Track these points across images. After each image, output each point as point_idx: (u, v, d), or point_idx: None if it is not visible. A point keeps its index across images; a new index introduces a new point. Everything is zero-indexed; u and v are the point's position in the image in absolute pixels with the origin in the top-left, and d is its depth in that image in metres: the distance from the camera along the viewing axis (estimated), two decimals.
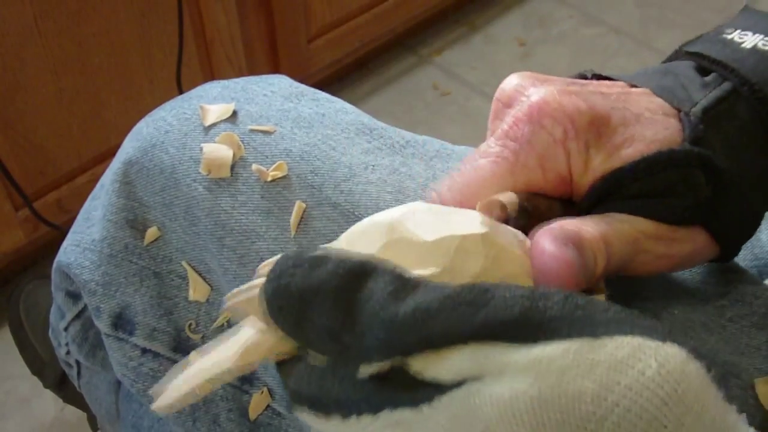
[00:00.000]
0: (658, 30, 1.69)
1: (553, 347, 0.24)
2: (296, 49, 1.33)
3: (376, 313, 0.26)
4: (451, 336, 0.25)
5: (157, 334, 0.55)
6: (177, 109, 0.54)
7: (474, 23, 1.69)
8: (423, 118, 1.52)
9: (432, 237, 0.28)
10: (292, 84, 0.55)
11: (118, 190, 0.55)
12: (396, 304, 0.25)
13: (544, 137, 0.33)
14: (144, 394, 0.56)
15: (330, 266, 0.26)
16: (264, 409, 0.54)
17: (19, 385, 1.15)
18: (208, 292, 0.54)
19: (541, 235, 0.30)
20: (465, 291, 0.26)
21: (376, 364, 0.26)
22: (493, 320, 0.25)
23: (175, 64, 1.14)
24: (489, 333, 0.25)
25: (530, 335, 0.25)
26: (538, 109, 0.33)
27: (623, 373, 0.24)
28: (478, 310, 0.25)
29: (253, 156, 0.50)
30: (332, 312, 0.26)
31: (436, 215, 0.30)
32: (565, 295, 0.25)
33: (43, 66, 1.02)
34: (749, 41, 0.36)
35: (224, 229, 0.50)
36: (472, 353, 0.25)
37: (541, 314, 0.25)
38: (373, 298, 0.26)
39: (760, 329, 0.39)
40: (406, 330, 0.25)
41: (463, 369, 0.25)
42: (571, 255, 0.29)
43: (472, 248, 0.28)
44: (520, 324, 0.25)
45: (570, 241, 0.30)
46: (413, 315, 0.25)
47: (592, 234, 0.31)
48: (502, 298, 0.25)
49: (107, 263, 0.55)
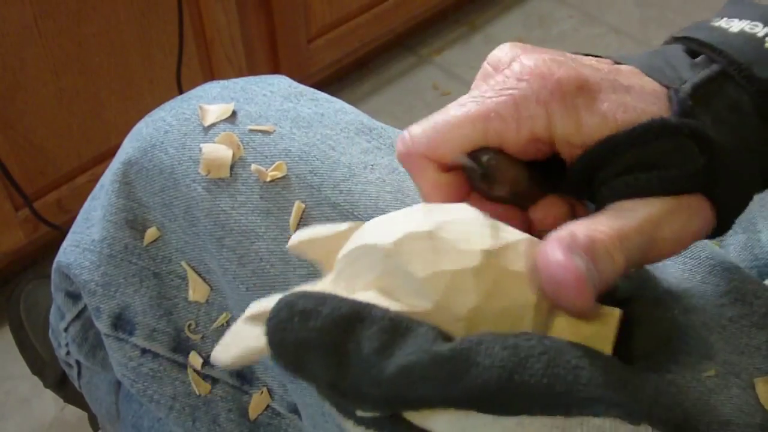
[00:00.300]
0: (658, 30, 1.69)
1: (525, 425, 0.25)
2: (296, 49, 1.33)
3: (365, 370, 0.26)
4: (433, 401, 0.26)
5: (156, 335, 0.55)
6: (176, 110, 0.54)
7: (474, 23, 1.69)
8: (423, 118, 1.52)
9: (423, 273, 0.28)
10: (291, 84, 0.55)
11: (118, 191, 0.55)
12: (383, 361, 0.26)
13: (527, 94, 0.33)
14: (144, 394, 0.56)
15: (320, 320, 0.27)
16: (264, 409, 0.54)
17: (19, 385, 1.15)
18: (207, 292, 0.54)
19: (549, 244, 0.29)
20: (449, 353, 0.26)
21: (371, 413, 0.27)
22: (470, 392, 0.25)
23: (175, 64, 1.14)
24: (467, 403, 0.26)
25: (505, 409, 0.25)
26: (528, 70, 0.33)
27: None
28: (458, 380, 0.26)
29: (252, 156, 0.50)
30: (325, 365, 0.27)
31: (432, 241, 0.28)
32: (547, 364, 0.26)
33: (43, 66, 1.02)
34: (736, 26, 0.36)
35: (223, 229, 0.50)
36: (453, 420, 0.26)
37: (516, 389, 0.25)
38: (362, 353, 0.26)
39: (760, 329, 0.39)
40: (392, 390, 0.26)
41: (443, 431, 0.26)
42: (580, 265, 0.28)
43: (463, 285, 0.28)
44: (495, 399, 0.25)
45: (580, 248, 0.29)
46: (399, 374, 0.26)
47: (606, 233, 0.30)
48: (481, 368, 0.26)
49: (107, 264, 0.55)
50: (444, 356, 0.26)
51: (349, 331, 0.26)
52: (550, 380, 0.25)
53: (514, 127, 0.33)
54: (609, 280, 0.29)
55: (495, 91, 0.34)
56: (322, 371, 0.27)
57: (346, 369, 0.26)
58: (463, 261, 0.28)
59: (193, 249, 0.53)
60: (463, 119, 0.33)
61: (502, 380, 0.25)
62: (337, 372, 0.26)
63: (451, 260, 0.28)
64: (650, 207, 0.32)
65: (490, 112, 0.33)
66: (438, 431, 0.26)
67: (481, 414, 0.25)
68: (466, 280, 0.28)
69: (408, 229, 0.29)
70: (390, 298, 0.28)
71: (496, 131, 0.33)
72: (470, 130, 0.33)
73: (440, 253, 0.28)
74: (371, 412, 0.27)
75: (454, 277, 0.28)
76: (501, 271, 0.28)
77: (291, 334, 0.27)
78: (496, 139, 0.33)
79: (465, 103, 0.34)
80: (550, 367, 0.25)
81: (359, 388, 0.26)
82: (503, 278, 0.28)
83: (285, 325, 0.27)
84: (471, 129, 0.33)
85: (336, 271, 0.31)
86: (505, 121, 0.33)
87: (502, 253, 0.28)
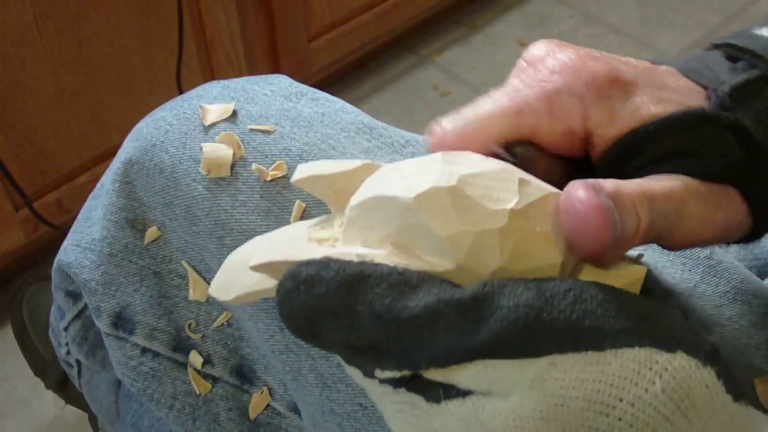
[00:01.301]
0: (658, 30, 1.69)
1: (557, 364, 0.24)
2: (296, 49, 1.33)
3: (380, 327, 0.26)
4: (454, 355, 0.25)
5: (157, 334, 0.55)
6: (177, 109, 0.54)
7: (474, 23, 1.69)
8: (423, 118, 1.52)
9: (445, 232, 0.26)
10: (292, 84, 0.55)
11: (118, 190, 0.55)
12: (397, 313, 0.25)
13: (562, 87, 0.33)
14: (144, 393, 0.56)
15: (325, 285, 0.26)
16: (264, 408, 0.54)
17: (19, 385, 1.15)
18: (207, 291, 0.54)
19: (572, 184, 0.27)
20: (470, 297, 0.25)
21: (389, 372, 0.27)
22: (495, 338, 0.25)
23: (175, 64, 1.14)
24: (492, 351, 0.25)
25: (534, 350, 0.25)
26: (562, 63, 0.33)
27: (626, 390, 0.24)
28: (479, 326, 0.25)
29: (252, 155, 0.50)
30: (337, 329, 0.26)
31: (455, 198, 0.27)
32: (575, 300, 0.25)
33: (43, 66, 1.02)
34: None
35: (224, 228, 0.50)
36: (477, 372, 0.25)
37: (545, 327, 0.24)
38: (374, 310, 0.26)
39: (760, 329, 0.40)
40: (411, 340, 0.25)
41: (471, 385, 0.25)
42: (605, 202, 0.26)
43: (488, 246, 0.26)
44: (524, 339, 0.25)
45: (604, 191, 0.27)
46: (416, 321, 0.25)
47: (633, 189, 0.29)
48: (505, 310, 0.25)
49: (107, 263, 0.55)
50: (465, 300, 0.25)
51: (357, 291, 0.26)
52: (579, 315, 0.24)
53: (548, 121, 0.33)
54: (630, 236, 0.28)
55: (528, 84, 0.33)
56: (336, 335, 0.26)
57: (359, 329, 0.26)
58: (489, 221, 0.26)
59: (194, 248, 0.53)
60: (496, 113, 0.33)
61: (530, 320, 0.24)
62: (351, 333, 0.26)
63: (475, 220, 0.26)
64: (680, 181, 0.31)
65: (522, 105, 0.33)
66: (464, 386, 0.26)
67: (508, 360, 0.25)
68: (491, 240, 0.26)
69: (429, 182, 0.27)
70: (408, 255, 0.27)
71: (528, 125, 0.33)
72: (502, 124, 0.33)
73: (464, 211, 0.27)
74: (392, 370, 0.26)
75: (478, 238, 0.26)
76: (527, 232, 0.27)
77: (299, 303, 0.26)
78: (529, 133, 0.33)
79: (497, 97, 0.33)
80: (578, 302, 0.25)
81: (377, 346, 0.26)
82: (529, 238, 0.27)
83: (292, 295, 0.26)
84: (503, 123, 0.33)
85: (348, 219, 0.29)
86: (538, 114, 0.33)
87: (528, 211, 0.27)
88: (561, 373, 0.24)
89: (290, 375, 0.50)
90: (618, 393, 0.24)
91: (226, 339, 0.55)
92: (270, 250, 0.28)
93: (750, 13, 1.73)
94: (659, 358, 0.24)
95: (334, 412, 0.48)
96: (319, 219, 0.32)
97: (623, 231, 0.27)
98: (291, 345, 0.49)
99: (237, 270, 0.31)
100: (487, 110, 0.33)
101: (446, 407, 0.26)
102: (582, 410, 0.24)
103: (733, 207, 0.33)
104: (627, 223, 0.27)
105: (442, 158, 0.28)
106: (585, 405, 0.24)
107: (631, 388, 0.24)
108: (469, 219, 0.26)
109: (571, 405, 0.24)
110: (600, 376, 0.24)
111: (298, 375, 0.49)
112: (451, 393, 0.26)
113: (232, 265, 0.32)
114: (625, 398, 0.24)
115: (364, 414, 0.47)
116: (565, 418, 0.24)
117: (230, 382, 0.55)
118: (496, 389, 0.25)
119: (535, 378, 0.24)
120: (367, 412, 0.47)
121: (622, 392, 0.24)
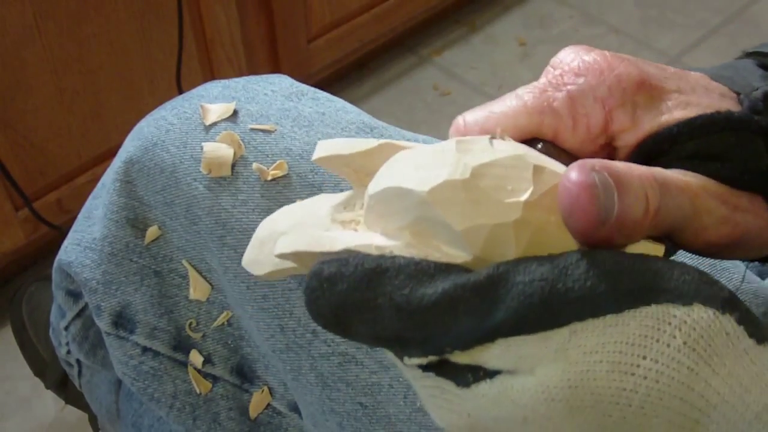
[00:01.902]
0: (658, 30, 1.69)
1: (578, 332, 0.25)
2: (296, 49, 1.33)
3: (402, 318, 0.26)
4: (476, 336, 0.26)
5: (157, 333, 0.55)
6: (178, 109, 0.54)
7: (474, 23, 1.69)
8: (423, 118, 1.52)
9: (461, 226, 0.27)
10: (292, 83, 0.55)
11: (119, 189, 0.55)
12: (417, 302, 0.26)
13: (585, 90, 0.33)
14: (144, 392, 0.56)
15: (345, 282, 0.27)
16: (264, 407, 0.54)
17: (19, 386, 1.15)
18: (208, 290, 0.54)
19: (572, 164, 0.27)
20: (485, 279, 0.26)
21: (416, 359, 0.27)
22: (514, 315, 0.25)
23: (175, 64, 1.14)
24: (513, 328, 0.25)
25: (553, 321, 0.25)
26: (588, 66, 0.33)
27: (647, 347, 0.24)
28: (497, 306, 0.25)
29: (253, 155, 0.50)
30: (363, 322, 0.27)
31: (469, 191, 0.27)
32: (588, 267, 0.25)
33: (43, 66, 1.02)
34: None
35: (224, 227, 0.50)
36: (501, 351, 0.26)
37: (561, 297, 0.25)
38: (394, 301, 0.26)
39: None
40: (433, 327, 0.26)
41: (497, 365, 0.26)
42: (595, 179, 0.26)
43: (503, 239, 0.27)
44: (542, 312, 0.25)
45: (607, 171, 0.26)
46: (436, 307, 0.26)
47: (644, 171, 0.28)
48: (521, 286, 0.25)
49: (108, 262, 0.55)
50: (480, 282, 0.26)
51: (376, 284, 0.26)
52: (593, 282, 0.25)
53: (570, 124, 0.33)
54: (638, 217, 0.27)
55: (553, 86, 0.33)
56: (363, 328, 0.27)
57: (382, 321, 0.26)
58: (503, 214, 0.27)
59: (194, 247, 0.53)
60: (519, 110, 0.33)
61: (545, 292, 0.25)
62: (375, 326, 0.27)
63: (490, 213, 0.27)
64: (698, 178, 0.31)
65: (545, 106, 0.33)
66: (490, 366, 0.26)
67: (529, 336, 0.25)
68: (506, 233, 0.27)
69: (443, 176, 0.27)
70: (427, 245, 0.28)
71: (550, 126, 0.33)
72: (525, 122, 0.33)
73: (478, 204, 0.27)
74: (419, 357, 0.27)
75: (493, 231, 0.27)
76: (541, 222, 0.27)
77: (324, 300, 0.27)
78: (551, 133, 0.33)
79: (522, 95, 0.33)
80: (591, 269, 0.25)
81: (402, 336, 0.27)
82: (544, 228, 0.27)
83: (317, 293, 0.27)
84: (526, 120, 0.33)
85: (367, 207, 0.30)
86: (561, 116, 0.33)
87: (542, 201, 0.27)
88: (582, 340, 0.25)
89: (290, 374, 0.50)
90: (640, 351, 0.24)
91: (227, 338, 0.55)
92: (295, 238, 0.29)
93: (750, 13, 1.73)
94: (677, 312, 0.25)
95: (334, 411, 0.48)
96: (343, 197, 0.32)
97: (627, 211, 0.26)
98: (291, 345, 0.49)
99: (268, 244, 0.32)
100: (511, 107, 0.33)
101: (477, 389, 0.26)
102: (607, 372, 0.24)
103: (754, 211, 0.32)
104: (631, 206, 0.26)
105: (456, 147, 0.28)
106: (610, 367, 0.24)
107: (652, 345, 0.24)
108: (483, 212, 0.27)
109: (596, 369, 0.25)
110: (621, 337, 0.25)
111: (298, 374, 0.49)
112: (479, 375, 0.26)
113: (262, 239, 0.33)
114: (648, 355, 0.24)
115: (364, 413, 0.47)
116: (592, 383, 0.25)
117: (230, 381, 0.55)
118: (521, 366, 0.26)
119: (558, 349, 0.25)
120: (368, 412, 0.47)
121: (644, 350, 0.24)
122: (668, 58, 1.63)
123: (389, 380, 0.47)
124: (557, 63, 0.35)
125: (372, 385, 0.46)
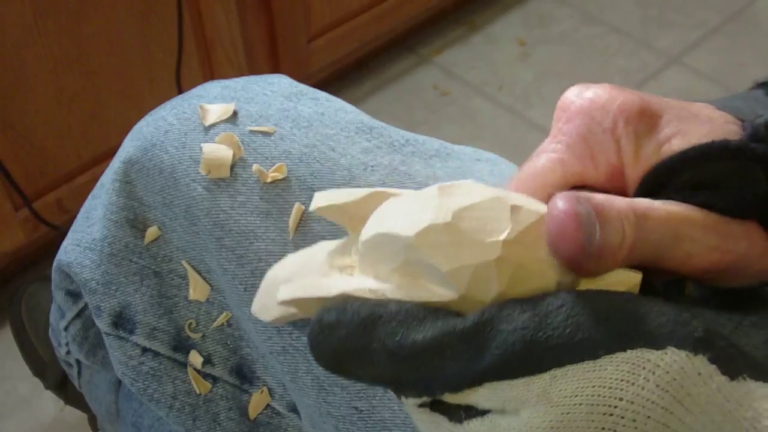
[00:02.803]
0: (658, 30, 1.69)
1: (558, 377, 0.26)
2: (296, 49, 1.33)
3: (396, 362, 0.28)
4: (464, 380, 0.28)
5: (157, 333, 0.55)
6: (177, 109, 0.54)
7: (474, 23, 1.69)
8: (423, 118, 1.52)
9: (446, 267, 0.28)
10: (292, 83, 0.55)
11: (119, 190, 0.55)
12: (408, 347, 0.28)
13: (594, 128, 0.33)
14: (144, 392, 0.56)
15: (343, 329, 0.29)
16: (264, 408, 0.54)
17: (19, 386, 1.15)
18: (208, 291, 0.54)
19: (556, 195, 0.28)
20: (472, 326, 0.27)
21: (412, 399, 0.29)
22: (498, 362, 0.27)
23: (175, 64, 1.14)
24: (498, 373, 0.27)
25: (536, 367, 0.27)
26: (590, 102, 0.34)
27: (623, 390, 0.26)
28: (483, 352, 0.27)
29: (252, 157, 0.50)
30: (360, 366, 0.29)
31: (452, 234, 0.29)
32: (567, 314, 0.27)
33: (43, 66, 1.02)
34: None
35: (223, 229, 0.50)
36: (488, 394, 0.28)
37: (542, 345, 0.26)
38: (388, 348, 0.28)
39: (759, 329, 0.39)
40: (424, 369, 0.28)
41: (485, 405, 0.28)
42: (582, 210, 0.27)
43: (486, 277, 0.28)
44: (524, 359, 0.27)
45: (588, 202, 0.28)
46: (425, 350, 0.27)
47: (622, 204, 0.29)
48: (504, 334, 0.27)
49: (107, 262, 0.55)
50: (467, 329, 0.27)
51: (371, 331, 0.28)
52: (572, 330, 0.26)
53: (591, 164, 0.34)
54: (614, 247, 0.28)
55: (564, 132, 0.34)
56: (361, 371, 0.29)
57: (377, 365, 0.28)
58: (484, 254, 0.28)
59: (194, 248, 0.53)
60: (543, 169, 0.34)
61: (527, 341, 0.26)
62: (372, 369, 0.29)
63: (472, 253, 0.28)
64: (685, 207, 0.31)
65: (563, 155, 0.34)
66: (481, 406, 0.28)
67: (514, 380, 0.27)
68: (488, 272, 0.28)
69: (427, 219, 0.29)
70: (416, 286, 0.29)
71: (574, 173, 0.34)
72: (551, 178, 0.34)
73: (461, 246, 0.29)
74: (414, 397, 0.29)
75: (476, 270, 0.28)
76: (522, 257, 0.29)
77: (325, 346, 0.29)
78: (577, 180, 0.34)
79: (543, 151, 0.34)
80: (570, 317, 0.26)
81: (397, 379, 0.29)
82: (525, 263, 0.29)
83: (319, 339, 0.29)
84: (551, 177, 0.34)
85: (360, 254, 0.32)
86: (581, 159, 0.34)
87: (521, 238, 0.29)
88: (563, 384, 0.26)
89: (288, 376, 0.50)
90: (617, 394, 0.26)
91: (226, 339, 0.55)
92: (295, 287, 0.32)
93: (750, 13, 1.73)
94: (651, 357, 0.26)
95: (330, 414, 0.48)
96: (340, 243, 0.34)
97: (606, 241, 0.28)
98: (288, 347, 0.49)
99: (273, 292, 0.35)
100: (536, 167, 0.34)
101: (469, 426, 0.28)
102: (587, 414, 0.26)
103: (750, 239, 0.32)
104: (609, 234, 0.28)
105: (438, 192, 0.30)
106: (589, 409, 0.26)
107: (628, 387, 0.26)
108: (465, 254, 0.29)
109: (576, 411, 0.26)
110: (598, 381, 0.26)
111: (295, 377, 0.49)
112: (472, 413, 0.28)
113: (268, 287, 0.37)
114: (624, 397, 0.26)
115: (359, 417, 0.47)
116: (573, 424, 0.26)
117: (230, 381, 0.55)
118: (508, 407, 0.27)
119: (540, 392, 0.27)
120: (363, 416, 0.47)
121: (620, 392, 0.26)
122: (668, 57, 1.63)
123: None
124: (563, 105, 0.35)
125: (367, 389, 0.47)
